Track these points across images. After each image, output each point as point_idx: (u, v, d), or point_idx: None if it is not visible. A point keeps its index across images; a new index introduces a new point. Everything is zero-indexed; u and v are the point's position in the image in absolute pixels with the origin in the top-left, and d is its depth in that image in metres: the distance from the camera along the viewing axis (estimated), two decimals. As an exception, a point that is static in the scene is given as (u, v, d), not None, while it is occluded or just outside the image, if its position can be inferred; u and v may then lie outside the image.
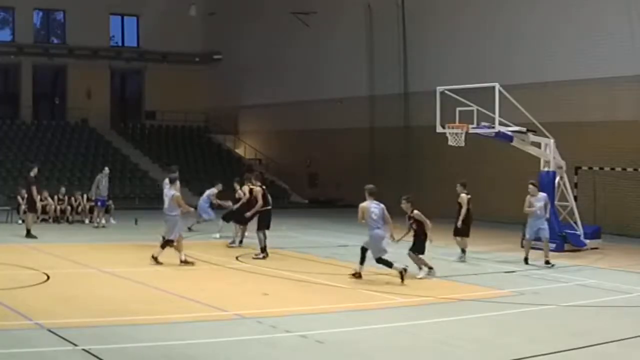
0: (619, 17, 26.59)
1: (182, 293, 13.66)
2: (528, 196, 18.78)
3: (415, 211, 16.20)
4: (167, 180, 18.23)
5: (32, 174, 23.01)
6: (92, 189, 26.95)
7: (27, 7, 43.16)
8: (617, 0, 26.86)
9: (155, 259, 16.98)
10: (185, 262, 17.04)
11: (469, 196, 18.92)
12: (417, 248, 16.28)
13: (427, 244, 16.24)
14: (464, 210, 18.75)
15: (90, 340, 10.08)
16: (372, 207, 15.48)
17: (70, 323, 11.05)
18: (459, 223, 18.82)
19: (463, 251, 18.98)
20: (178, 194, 17.48)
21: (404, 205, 16.29)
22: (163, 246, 17.24)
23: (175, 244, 17.26)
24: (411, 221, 16.28)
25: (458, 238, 19.01)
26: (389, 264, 15.32)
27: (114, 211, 27.98)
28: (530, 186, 18.96)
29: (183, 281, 15.21)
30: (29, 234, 21.88)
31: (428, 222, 16.19)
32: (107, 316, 11.57)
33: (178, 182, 17.79)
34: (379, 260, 15.39)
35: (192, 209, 21.15)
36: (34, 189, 22.76)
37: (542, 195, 18.99)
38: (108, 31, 45.69)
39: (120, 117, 46.20)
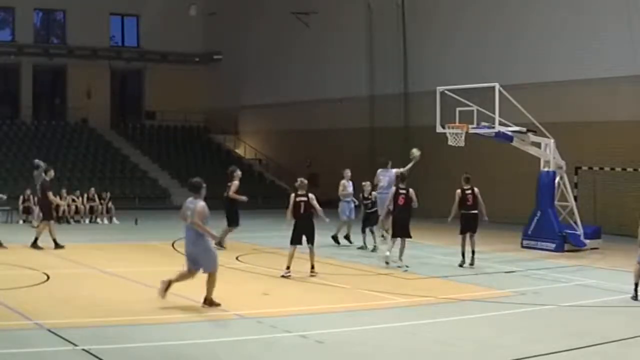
0: (618, 17, 26.55)
1: (182, 293, 13.65)
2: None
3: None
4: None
5: (47, 177, 20.41)
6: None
7: (27, 7, 43.07)
8: (616, 1, 26.84)
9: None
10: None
11: None
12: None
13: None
14: None
15: (90, 340, 10.08)
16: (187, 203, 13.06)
17: (70, 323, 11.05)
18: None
19: None
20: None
21: None
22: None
23: None
24: None
25: None
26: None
27: (115, 211, 27.99)
28: None
29: (183, 281, 15.18)
30: (57, 245, 19.64)
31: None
32: (107, 316, 11.57)
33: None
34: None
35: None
36: (50, 194, 20.27)
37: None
38: (108, 31, 45.58)
39: (120, 117, 46.15)
